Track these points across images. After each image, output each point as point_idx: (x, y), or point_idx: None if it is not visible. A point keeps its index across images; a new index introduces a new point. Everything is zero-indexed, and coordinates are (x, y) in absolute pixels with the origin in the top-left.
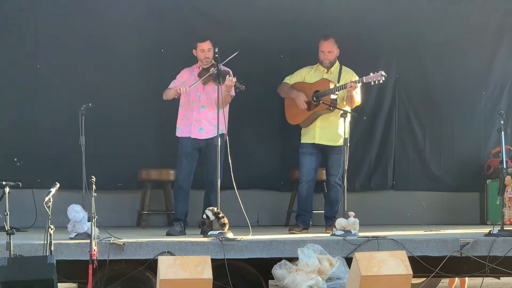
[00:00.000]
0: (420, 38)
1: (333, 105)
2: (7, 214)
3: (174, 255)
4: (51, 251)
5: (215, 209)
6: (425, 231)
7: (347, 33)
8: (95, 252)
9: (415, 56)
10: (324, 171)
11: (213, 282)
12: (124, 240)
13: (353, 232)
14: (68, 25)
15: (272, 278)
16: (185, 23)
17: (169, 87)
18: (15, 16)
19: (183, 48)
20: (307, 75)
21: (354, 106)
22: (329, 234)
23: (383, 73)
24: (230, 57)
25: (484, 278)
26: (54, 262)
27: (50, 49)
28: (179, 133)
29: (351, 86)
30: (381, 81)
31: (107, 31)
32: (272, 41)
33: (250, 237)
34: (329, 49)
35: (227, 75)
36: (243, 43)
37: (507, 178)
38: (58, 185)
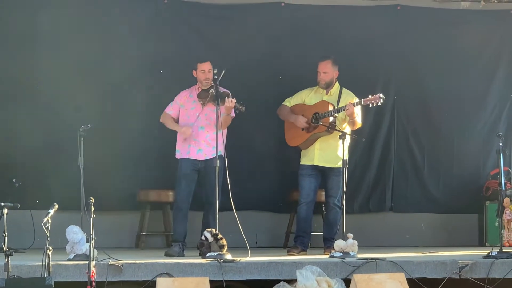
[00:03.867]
0: (418, 59)
1: (331, 127)
2: (5, 235)
3: (173, 276)
4: (49, 272)
5: (214, 230)
6: (424, 253)
7: (346, 55)
8: (93, 274)
9: (413, 78)
10: (323, 193)
11: None
12: (122, 261)
13: (351, 253)
14: (68, 46)
15: None
16: (183, 45)
17: (166, 111)
18: (15, 34)
19: (182, 69)
20: (307, 97)
21: (356, 128)
22: (327, 256)
23: (381, 95)
24: (220, 76)
25: None
26: (53, 283)
27: (49, 71)
28: (179, 155)
29: (348, 109)
30: (379, 104)
31: (106, 52)
32: (271, 63)
33: (248, 258)
34: (324, 69)
35: (227, 97)
36: (241, 65)
37: (506, 200)
38: (56, 206)
